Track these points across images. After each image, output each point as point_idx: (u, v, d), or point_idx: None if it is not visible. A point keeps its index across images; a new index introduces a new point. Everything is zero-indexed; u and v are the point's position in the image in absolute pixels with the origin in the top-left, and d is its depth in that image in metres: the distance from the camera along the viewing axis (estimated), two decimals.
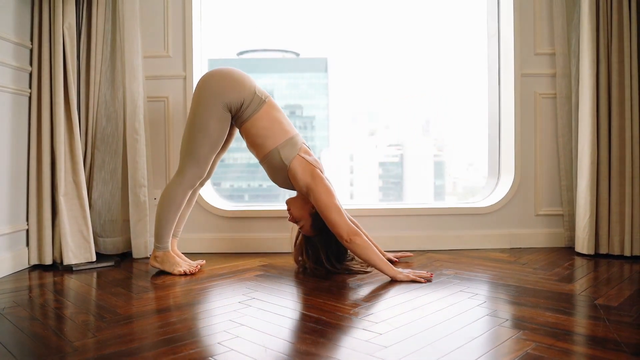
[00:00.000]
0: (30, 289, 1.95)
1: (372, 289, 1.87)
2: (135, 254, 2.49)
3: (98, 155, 2.45)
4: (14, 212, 2.22)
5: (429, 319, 1.50)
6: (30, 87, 2.31)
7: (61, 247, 2.27)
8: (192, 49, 2.65)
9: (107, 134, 2.46)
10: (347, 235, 1.96)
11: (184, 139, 2.09)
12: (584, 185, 2.45)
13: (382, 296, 1.78)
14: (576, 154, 2.57)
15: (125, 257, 2.52)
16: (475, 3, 3.10)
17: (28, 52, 2.31)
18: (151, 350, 1.28)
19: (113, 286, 1.95)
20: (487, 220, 2.72)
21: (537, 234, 2.71)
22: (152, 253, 2.17)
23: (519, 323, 1.45)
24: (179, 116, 2.66)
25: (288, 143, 2.06)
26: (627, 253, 2.40)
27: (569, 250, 2.59)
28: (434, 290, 1.82)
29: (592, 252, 2.44)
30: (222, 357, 1.23)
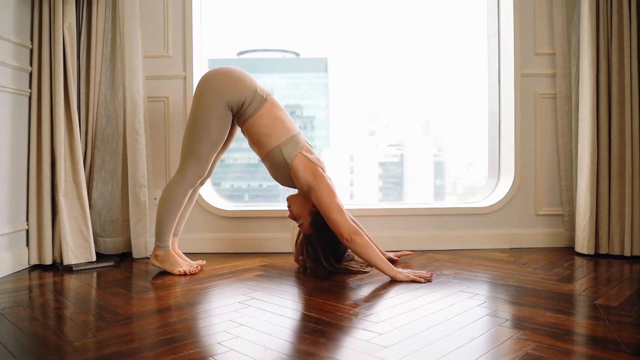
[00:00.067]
0: (30, 289, 1.95)
1: (372, 289, 1.87)
2: (135, 254, 2.50)
3: (98, 155, 2.45)
4: (14, 212, 2.22)
5: (429, 319, 1.50)
6: (30, 87, 2.31)
7: (61, 247, 2.27)
8: (192, 49, 2.65)
9: (107, 134, 2.46)
10: (347, 235, 1.96)
11: (184, 138, 2.09)
12: (584, 185, 2.45)
13: (382, 296, 1.78)
14: (576, 154, 2.57)
15: (125, 257, 2.52)
16: (475, 3, 3.10)
17: (28, 52, 2.31)
18: (151, 350, 1.28)
19: (113, 286, 1.95)
20: (487, 220, 2.72)
21: (537, 234, 2.71)
22: (153, 252, 2.17)
23: (519, 323, 1.45)
24: (179, 116, 2.66)
25: (290, 141, 2.06)
26: (627, 253, 2.40)
27: (569, 250, 2.59)
28: (434, 290, 1.82)
29: (592, 252, 2.44)
30: (222, 357, 1.23)
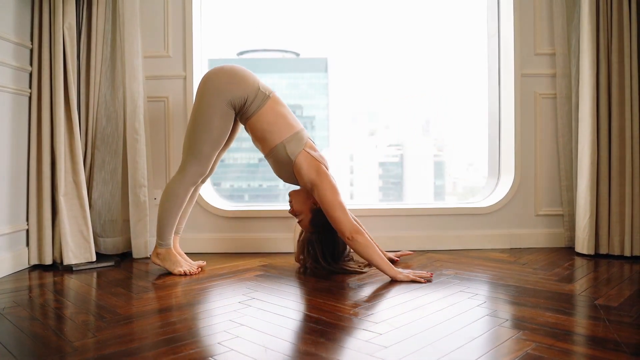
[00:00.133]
0: (30, 289, 1.95)
1: (372, 289, 1.87)
2: (136, 254, 2.49)
3: (98, 155, 2.45)
4: (14, 212, 2.22)
5: (429, 319, 1.50)
6: (30, 87, 2.31)
7: (61, 247, 2.27)
8: (192, 49, 2.65)
9: (107, 134, 2.46)
10: (349, 233, 1.96)
11: (186, 136, 2.09)
12: (584, 186, 2.45)
13: (382, 296, 1.78)
14: (576, 154, 2.57)
15: (125, 257, 2.52)
16: (475, 3, 3.10)
17: (28, 52, 2.31)
18: (151, 350, 1.28)
19: (113, 286, 1.95)
20: (487, 220, 2.72)
21: (537, 234, 2.71)
22: (154, 250, 2.16)
23: (519, 323, 1.45)
24: (179, 116, 2.66)
25: (294, 138, 2.06)
26: (627, 253, 2.40)
27: (569, 251, 2.59)
28: (434, 291, 1.82)
29: (592, 252, 2.44)
30: (222, 357, 1.23)
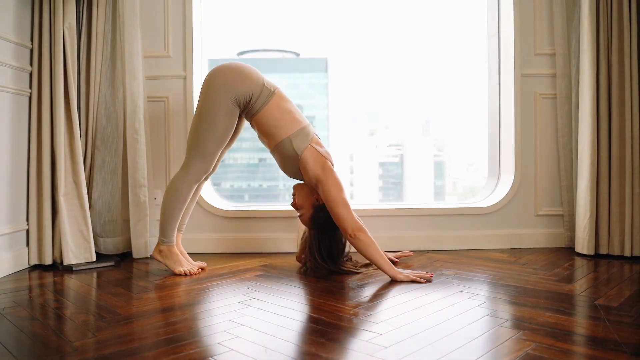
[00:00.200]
0: (30, 289, 1.95)
1: (372, 289, 1.87)
2: (136, 254, 2.49)
3: (98, 155, 2.45)
4: (14, 212, 2.22)
5: (429, 319, 1.50)
6: (30, 87, 2.31)
7: (61, 247, 2.27)
8: (192, 49, 2.65)
9: (107, 134, 2.46)
10: (351, 230, 1.97)
11: (190, 133, 2.09)
12: (584, 186, 2.45)
13: (382, 296, 1.78)
14: (576, 154, 2.57)
15: (126, 257, 2.52)
16: (476, 3, 3.10)
17: (28, 52, 2.31)
18: (151, 350, 1.28)
19: (113, 286, 1.95)
20: (487, 220, 2.72)
21: (537, 234, 2.71)
22: (156, 246, 2.16)
23: (519, 323, 1.45)
24: (179, 116, 2.66)
25: (300, 133, 2.06)
26: (627, 253, 2.40)
27: (569, 251, 2.59)
28: (434, 291, 1.82)
29: (592, 252, 2.44)
30: (222, 357, 1.23)
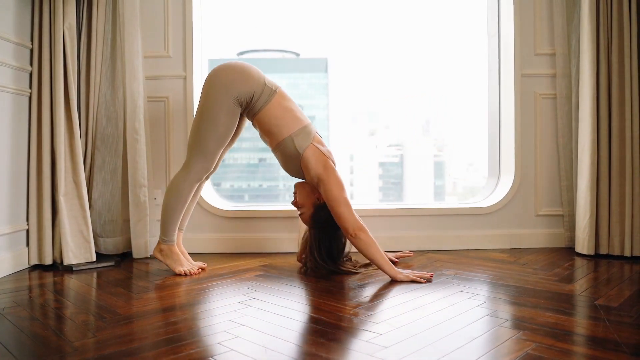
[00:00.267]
0: (30, 289, 1.95)
1: (372, 290, 1.87)
2: (136, 254, 2.49)
3: (98, 155, 2.45)
4: (14, 212, 2.22)
5: (429, 319, 1.50)
6: (30, 87, 2.31)
7: (61, 247, 2.27)
8: (192, 49, 2.65)
9: (107, 134, 2.46)
10: (352, 230, 1.97)
11: (192, 132, 2.09)
12: (584, 186, 2.45)
13: (382, 296, 1.78)
14: (576, 154, 2.57)
15: (126, 257, 2.52)
16: (476, 3, 3.10)
17: (28, 52, 2.31)
18: (151, 350, 1.28)
19: (113, 286, 1.95)
20: (487, 220, 2.72)
21: (537, 234, 2.71)
22: (157, 245, 2.16)
23: (519, 323, 1.45)
24: (179, 116, 2.66)
25: (302, 131, 2.07)
26: (627, 253, 2.40)
27: (569, 251, 2.59)
28: (434, 291, 1.82)
29: (592, 252, 2.44)
30: (222, 357, 1.23)
